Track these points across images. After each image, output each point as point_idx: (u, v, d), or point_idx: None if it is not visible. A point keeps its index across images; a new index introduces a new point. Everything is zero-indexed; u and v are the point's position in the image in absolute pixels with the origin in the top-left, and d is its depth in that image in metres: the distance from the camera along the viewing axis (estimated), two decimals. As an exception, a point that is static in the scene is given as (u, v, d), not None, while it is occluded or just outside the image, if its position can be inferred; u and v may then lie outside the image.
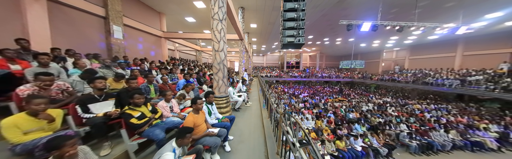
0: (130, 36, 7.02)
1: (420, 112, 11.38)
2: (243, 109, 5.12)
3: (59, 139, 1.24)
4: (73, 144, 1.28)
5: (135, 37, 7.52)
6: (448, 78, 13.98)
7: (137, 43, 7.66)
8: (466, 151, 7.52)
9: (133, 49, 7.28)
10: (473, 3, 9.74)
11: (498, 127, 9.13)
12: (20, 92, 1.93)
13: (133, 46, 7.40)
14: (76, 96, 2.37)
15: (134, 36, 7.47)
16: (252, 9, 9.23)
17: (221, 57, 3.53)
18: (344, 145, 6.33)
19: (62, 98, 2.27)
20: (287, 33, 3.58)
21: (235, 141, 2.82)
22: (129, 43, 6.79)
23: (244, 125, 3.66)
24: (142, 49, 8.02)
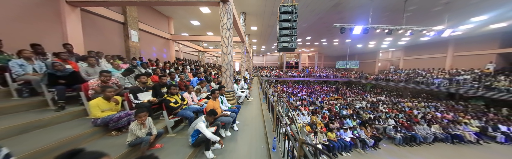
0: (144, 39, 7.80)
1: (409, 109, 12.18)
2: (246, 103, 5.90)
3: (141, 110, 2.03)
4: (145, 114, 2.07)
5: (148, 40, 8.30)
6: (437, 78, 14.78)
7: (149, 46, 8.45)
8: (447, 143, 8.33)
9: (146, 50, 8.07)
10: (458, 8, 10.51)
11: (479, 122, 9.94)
12: (91, 84, 2.72)
13: (147, 48, 8.18)
14: (122, 88, 3.16)
15: (147, 39, 8.25)
16: (253, 14, 10.02)
17: (229, 59, 4.32)
18: (335, 136, 7.12)
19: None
20: (282, 40, 4.36)
21: (241, 124, 3.60)
22: (143, 45, 7.57)
23: (247, 114, 4.44)
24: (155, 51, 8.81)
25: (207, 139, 2.19)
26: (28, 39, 3.84)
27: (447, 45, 17.24)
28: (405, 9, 10.59)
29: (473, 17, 11.71)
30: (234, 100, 4.56)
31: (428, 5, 10.59)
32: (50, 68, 2.77)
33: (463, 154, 7.30)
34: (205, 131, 2.17)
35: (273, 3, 8.69)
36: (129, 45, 6.64)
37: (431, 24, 12.44)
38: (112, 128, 2.39)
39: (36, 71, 3.16)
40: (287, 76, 25.93)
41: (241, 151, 2.48)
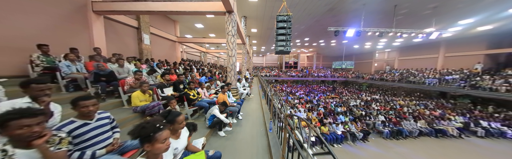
0: (154, 41, 8.53)
1: (400, 107, 12.94)
2: (247, 99, 6.65)
3: (171, 98, 2.78)
4: (175, 101, 2.82)
5: (158, 42, 9.04)
6: (429, 78, 15.56)
7: (159, 48, 9.19)
8: (431, 137, 9.09)
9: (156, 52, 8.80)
10: (445, 12, 11.23)
11: (463, 118, 10.72)
12: (128, 81, 3.46)
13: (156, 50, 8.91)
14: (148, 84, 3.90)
15: (157, 41, 8.99)
16: (253, 18, 10.77)
17: (233, 61, 5.06)
18: (327, 130, 7.87)
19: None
20: (279, 44, 5.10)
21: (244, 115, 4.34)
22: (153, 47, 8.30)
23: (248, 108, 5.19)
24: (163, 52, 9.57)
25: (221, 122, 2.93)
26: (65, 44, 4.57)
27: (439, 46, 18.02)
28: (395, 13, 11.35)
29: (460, 20, 12.45)
30: (237, 96, 5.30)
31: (417, 9, 11.34)
32: (96, 68, 3.51)
33: (444, 146, 8.06)
34: (220, 115, 2.91)
35: (272, 9, 9.45)
36: (142, 48, 7.39)
37: (420, 27, 13.21)
38: (148, 114, 3.13)
39: (78, 71, 3.90)
40: (286, 76, 26.68)
41: (245, 132, 3.23)
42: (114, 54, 5.25)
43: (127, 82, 3.47)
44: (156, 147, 0.98)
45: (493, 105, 12.91)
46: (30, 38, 3.96)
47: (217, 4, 4.82)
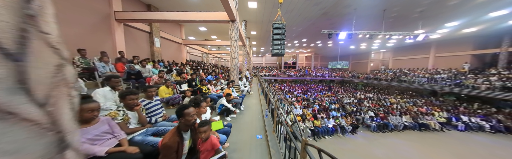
0: (163, 44, 9.43)
1: (391, 104, 13.84)
2: (247, 96, 7.53)
3: (187, 90, 3.68)
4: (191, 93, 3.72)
5: (166, 45, 9.94)
6: (418, 77, 16.46)
7: (167, 50, 10.09)
8: (415, 130, 9.99)
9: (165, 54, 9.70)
10: (431, 15, 12.09)
11: (447, 114, 11.62)
12: (154, 78, 4.37)
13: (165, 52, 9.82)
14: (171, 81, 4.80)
15: (166, 44, 9.89)
16: (253, 22, 11.67)
17: (236, 62, 5.96)
18: (319, 123, 8.76)
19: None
20: (274, 47, 5.98)
21: (245, 107, 5.24)
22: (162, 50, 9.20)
23: (249, 102, 6.09)
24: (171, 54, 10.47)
25: (228, 109, 3.83)
26: (94, 48, 5.47)
27: (430, 47, 18.92)
28: (384, 17, 12.25)
29: (446, 23, 13.35)
30: (239, 92, 6.20)
31: (405, 13, 12.23)
32: (128, 69, 4.42)
33: (425, 138, 8.96)
34: (227, 104, 3.80)
35: (270, 14, 10.36)
36: (153, 50, 8.29)
37: (408, 29, 14.13)
38: (171, 104, 4.04)
39: (110, 70, 4.80)
40: (285, 76, 27.58)
41: (246, 118, 4.12)
42: (135, 57, 6.15)
43: (153, 79, 4.37)
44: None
45: (478, 102, 13.82)
46: (71, 44, 4.86)
47: (222, 14, 5.72)
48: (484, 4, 9.80)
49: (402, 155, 6.97)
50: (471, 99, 14.34)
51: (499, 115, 10.96)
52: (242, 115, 4.41)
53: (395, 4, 10.67)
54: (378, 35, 11.95)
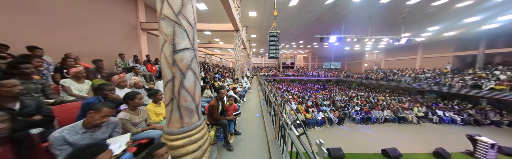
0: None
1: (378, 101, 15.26)
2: (248, 92, 8.95)
3: (204, 86, 5.10)
4: (209, 87, 5.14)
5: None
6: (404, 76, 17.89)
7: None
8: (395, 123, 11.39)
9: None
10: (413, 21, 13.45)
11: (426, 109, 13.02)
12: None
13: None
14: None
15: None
16: (253, 27, 13.09)
17: (239, 63, 7.37)
18: (310, 116, 10.17)
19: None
20: (270, 52, 7.38)
21: (247, 100, 6.65)
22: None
23: (250, 96, 7.50)
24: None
25: (235, 98, 5.24)
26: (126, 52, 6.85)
27: (417, 49, 20.36)
28: (370, 22, 13.67)
29: (428, 27, 14.78)
30: (242, 88, 7.62)
31: (389, 19, 13.66)
32: (159, 69, 5.82)
33: (402, 129, 10.36)
34: (233, 94, 5.21)
35: (268, 21, 11.77)
36: (168, 53, 9.70)
37: (393, 33, 15.59)
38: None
39: (144, 70, 6.20)
40: (284, 75, 28.99)
41: (248, 105, 5.54)
42: (157, 59, 7.56)
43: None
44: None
45: (458, 99, 15.26)
46: (112, 49, 6.27)
47: (228, 25, 7.13)
48: (458, 12, 11.13)
49: (376, 139, 8.38)
50: (452, 97, 15.76)
51: (471, 110, 12.40)
52: (245, 104, 5.82)
53: (380, 11, 12.06)
54: (364, 39, 13.36)
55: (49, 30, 4.46)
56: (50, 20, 4.46)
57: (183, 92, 1.63)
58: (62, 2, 4.70)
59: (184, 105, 1.64)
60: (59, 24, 4.68)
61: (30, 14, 4.07)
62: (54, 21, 4.57)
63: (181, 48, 1.57)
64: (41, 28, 4.28)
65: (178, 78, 1.60)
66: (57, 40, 4.62)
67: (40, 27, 4.26)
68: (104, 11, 6.07)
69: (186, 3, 1.56)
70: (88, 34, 5.54)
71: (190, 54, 1.63)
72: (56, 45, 4.51)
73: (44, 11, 4.33)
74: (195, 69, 1.70)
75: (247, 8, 9.22)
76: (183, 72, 1.60)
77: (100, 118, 1.36)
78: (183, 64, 1.59)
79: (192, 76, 1.68)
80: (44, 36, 4.33)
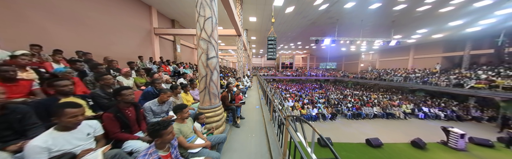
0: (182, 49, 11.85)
1: (370, 99, 16.28)
2: (248, 90, 9.96)
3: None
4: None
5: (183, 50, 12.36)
6: (396, 76, 18.91)
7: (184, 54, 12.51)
8: (383, 118, 12.40)
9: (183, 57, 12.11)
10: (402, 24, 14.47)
11: (414, 106, 14.04)
12: (191, 75, 6.79)
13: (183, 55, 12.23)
14: (197, 78, 7.24)
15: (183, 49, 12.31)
16: (253, 30, 14.12)
17: (241, 64, 8.38)
18: (305, 112, 11.19)
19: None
20: (269, 54, 8.38)
21: (248, 96, 7.66)
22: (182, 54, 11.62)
23: (251, 93, 8.52)
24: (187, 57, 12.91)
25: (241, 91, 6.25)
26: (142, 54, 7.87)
27: (409, 50, 21.38)
28: (362, 25, 14.70)
29: (417, 30, 15.80)
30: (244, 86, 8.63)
31: (379, 22, 14.68)
32: (173, 69, 6.84)
33: (388, 124, 11.37)
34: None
35: (267, 25, 12.78)
36: (176, 55, 10.70)
37: (384, 36, 16.62)
38: (202, 91, 6.46)
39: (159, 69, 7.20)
40: (282, 75, 30.00)
41: (250, 100, 6.56)
42: (167, 61, 8.58)
43: (189, 75, 6.79)
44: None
45: (447, 98, 16.28)
46: (132, 52, 7.28)
47: (231, 30, 8.15)
48: (443, 16, 12.09)
49: (362, 132, 9.40)
50: (441, 95, 16.76)
51: (455, 107, 13.43)
52: (247, 99, 6.84)
53: (370, 15, 13.06)
54: (356, 41, 14.39)
55: (87, 39, 5.49)
56: (88, 30, 5.49)
57: (212, 83, 2.65)
58: (96, 15, 5.73)
59: (212, 91, 2.66)
60: (94, 33, 5.70)
61: (76, 27, 5.09)
62: (91, 31, 5.59)
63: (211, 57, 2.59)
64: (82, 37, 5.30)
65: (209, 75, 2.62)
66: (94, 46, 5.64)
67: (82, 36, 5.28)
68: (126, 20, 7.08)
69: (214, 29, 2.58)
70: (114, 40, 6.56)
71: (215, 60, 2.65)
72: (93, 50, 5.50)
73: (85, 23, 5.36)
74: (218, 70, 2.72)
75: (248, 14, 10.23)
76: (212, 71, 2.62)
77: (166, 97, 2.38)
78: (212, 66, 2.61)
79: (216, 74, 2.70)
80: (84, 43, 5.35)
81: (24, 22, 4.16)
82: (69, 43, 4.94)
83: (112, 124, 1.69)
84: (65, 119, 1.22)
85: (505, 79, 11.84)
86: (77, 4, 5.13)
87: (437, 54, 18.78)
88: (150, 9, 8.43)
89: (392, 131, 9.84)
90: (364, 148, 7.64)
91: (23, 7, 4.10)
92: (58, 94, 1.85)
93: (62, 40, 4.78)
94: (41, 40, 4.22)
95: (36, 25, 4.32)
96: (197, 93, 4.02)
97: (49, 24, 4.53)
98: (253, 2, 8.33)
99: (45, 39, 4.41)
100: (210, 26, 2.51)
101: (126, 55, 7.01)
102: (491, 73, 13.44)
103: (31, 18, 4.23)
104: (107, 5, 6.14)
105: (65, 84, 1.84)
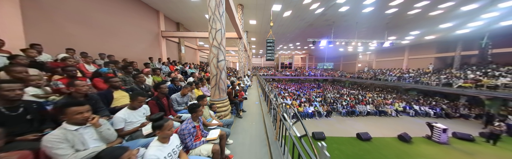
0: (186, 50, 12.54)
1: (365, 97, 16.99)
2: (249, 88, 10.66)
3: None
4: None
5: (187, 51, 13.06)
6: (390, 75, 19.63)
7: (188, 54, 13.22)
8: (376, 116, 13.12)
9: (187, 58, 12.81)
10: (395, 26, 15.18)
11: (405, 104, 14.76)
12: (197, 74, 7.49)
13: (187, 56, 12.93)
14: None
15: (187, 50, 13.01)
16: (253, 32, 14.82)
17: (242, 65, 9.08)
18: (302, 109, 11.89)
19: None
20: (267, 55, 9.06)
21: (248, 94, 8.35)
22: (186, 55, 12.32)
23: (251, 91, 9.22)
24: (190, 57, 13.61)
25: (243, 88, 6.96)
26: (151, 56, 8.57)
27: (404, 51, 22.10)
28: (357, 27, 15.40)
29: (410, 31, 16.51)
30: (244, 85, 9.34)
31: (374, 24, 15.39)
32: (181, 69, 7.54)
33: (379, 120, 12.09)
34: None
35: (266, 27, 13.48)
36: (181, 56, 11.40)
37: (378, 37, 17.33)
38: (207, 89, 7.16)
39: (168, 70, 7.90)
40: (282, 75, 30.70)
41: (251, 97, 7.27)
42: (174, 61, 9.27)
43: (196, 75, 7.48)
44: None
45: (439, 96, 16.99)
46: (143, 54, 7.98)
47: (233, 33, 8.84)
48: (433, 19, 12.77)
49: (355, 128, 10.11)
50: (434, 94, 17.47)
51: (444, 105, 14.15)
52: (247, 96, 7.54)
53: (364, 18, 13.77)
54: (351, 42, 15.09)
55: (106, 42, 6.19)
56: (106, 34, 6.19)
57: (221, 81, 3.36)
58: (114, 20, 6.43)
59: (221, 87, 3.37)
60: (111, 37, 6.40)
61: (97, 31, 5.79)
62: (109, 35, 6.29)
63: (220, 60, 3.29)
64: (102, 40, 6.00)
65: (219, 74, 3.32)
66: (111, 48, 6.34)
67: (101, 40, 5.98)
68: (137, 24, 7.78)
69: (222, 38, 3.29)
70: (128, 42, 7.25)
71: (223, 63, 3.35)
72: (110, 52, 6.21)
73: (104, 28, 6.06)
74: (225, 70, 3.42)
75: (248, 18, 10.93)
76: (221, 71, 3.33)
77: (187, 91, 3.09)
78: (221, 67, 3.32)
79: (224, 73, 3.40)
80: (103, 46, 6.06)
81: (56, 29, 4.85)
82: (91, 46, 5.63)
83: (154, 108, 2.39)
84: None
85: (490, 79, 12.57)
86: (99, 12, 5.83)
87: (430, 55, 19.50)
88: (158, 13, 9.13)
89: (382, 127, 10.56)
90: (355, 142, 8.35)
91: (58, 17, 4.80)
92: (111, 87, 2.56)
93: (86, 44, 5.48)
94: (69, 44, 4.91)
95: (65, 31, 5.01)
96: (206, 89, 4.72)
97: (76, 30, 5.23)
98: (253, 7, 9.03)
99: (72, 43, 5.10)
100: (220, 36, 3.22)
101: (138, 56, 7.71)
102: (479, 73, 14.16)
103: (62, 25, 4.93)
104: (122, 10, 6.84)
105: (117, 80, 2.54)
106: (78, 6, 5.26)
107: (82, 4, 5.34)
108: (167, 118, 1.44)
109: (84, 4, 5.40)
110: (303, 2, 9.29)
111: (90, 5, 5.59)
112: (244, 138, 3.09)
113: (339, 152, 7.28)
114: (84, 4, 5.40)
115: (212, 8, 3.10)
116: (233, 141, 2.86)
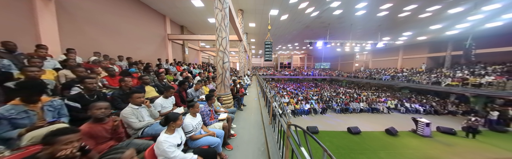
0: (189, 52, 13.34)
1: (359, 96, 17.79)
2: (248, 87, 11.45)
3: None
4: (224, 81, 7.68)
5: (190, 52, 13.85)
6: (384, 75, 20.42)
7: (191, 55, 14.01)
8: (369, 113, 13.90)
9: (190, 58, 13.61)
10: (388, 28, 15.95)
11: (397, 102, 15.55)
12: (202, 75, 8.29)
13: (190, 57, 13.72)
14: (206, 76, 8.73)
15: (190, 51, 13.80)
16: (252, 33, 15.61)
17: (242, 65, 9.86)
18: (299, 107, 12.68)
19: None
20: (266, 56, 9.86)
21: (248, 92, 9.13)
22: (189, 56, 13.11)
23: (250, 90, 10.01)
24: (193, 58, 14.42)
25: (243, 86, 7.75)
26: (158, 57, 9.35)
27: (399, 51, 22.88)
28: (351, 29, 16.18)
29: (402, 33, 17.28)
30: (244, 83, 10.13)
31: (368, 26, 16.18)
32: (188, 69, 8.33)
33: (371, 117, 12.86)
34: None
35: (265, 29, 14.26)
36: (185, 56, 12.20)
37: (372, 38, 18.11)
38: (211, 87, 7.96)
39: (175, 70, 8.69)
40: (281, 75, 31.47)
41: (250, 94, 8.06)
42: (179, 62, 10.07)
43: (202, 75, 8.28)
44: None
45: (431, 95, 17.78)
46: (153, 55, 8.77)
47: (234, 36, 9.63)
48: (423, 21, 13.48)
49: (347, 123, 10.91)
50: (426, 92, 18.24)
51: (434, 103, 14.94)
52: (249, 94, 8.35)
53: (358, 21, 14.53)
54: (346, 43, 15.88)
55: (121, 45, 6.98)
56: (122, 38, 6.97)
57: (225, 79, 4.15)
58: (127, 26, 7.22)
59: (225, 84, 4.16)
60: (126, 40, 7.19)
61: (114, 36, 6.58)
62: (124, 39, 7.08)
63: (225, 62, 4.08)
64: (118, 44, 6.80)
65: (224, 73, 4.11)
66: (125, 50, 7.13)
67: (118, 43, 6.78)
68: (147, 29, 8.57)
69: (227, 44, 4.08)
70: (139, 45, 8.04)
71: (227, 64, 4.14)
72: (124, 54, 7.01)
73: (120, 33, 6.85)
74: (229, 70, 4.21)
75: (248, 21, 11.71)
76: (225, 71, 4.12)
77: (199, 87, 3.88)
78: (225, 68, 4.11)
79: (228, 73, 4.20)
80: (119, 48, 6.85)
81: (82, 34, 5.64)
82: (110, 49, 6.42)
83: (177, 98, 3.19)
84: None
85: (476, 77, 13.35)
86: (116, 18, 6.62)
87: (423, 54, 20.28)
88: (165, 18, 9.91)
89: (373, 123, 11.35)
90: (345, 135, 9.14)
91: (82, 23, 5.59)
92: (143, 83, 3.35)
93: (107, 47, 6.27)
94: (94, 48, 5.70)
95: (90, 37, 5.80)
96: (212, 87, 5.51)
97: (98, 35, 6.02)
98: (252, 12, 9.81)
99: (96, 47, 5.89)
100: (225, 42, 4.01)
101: (147, 57, 8.49)
102: (466, 72, 14.95)
103: (87, 31, 5.72)
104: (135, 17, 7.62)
105: (148, 78, 3.34)
106: (101, 17, 6.06)
107: (104, 16, 6.14)
108: (195, 101, 2.24)
109: (106, 15, 6.20)
110: (299, 6, 10.08)
111: (110, 15, 6.38)
112: (244, 124, 3.88)
113: (330, 143, 8.07)
114: (106, 15, 6.20)
115: (219, 20, 3.89)
116: (236, 125, 3.66)
